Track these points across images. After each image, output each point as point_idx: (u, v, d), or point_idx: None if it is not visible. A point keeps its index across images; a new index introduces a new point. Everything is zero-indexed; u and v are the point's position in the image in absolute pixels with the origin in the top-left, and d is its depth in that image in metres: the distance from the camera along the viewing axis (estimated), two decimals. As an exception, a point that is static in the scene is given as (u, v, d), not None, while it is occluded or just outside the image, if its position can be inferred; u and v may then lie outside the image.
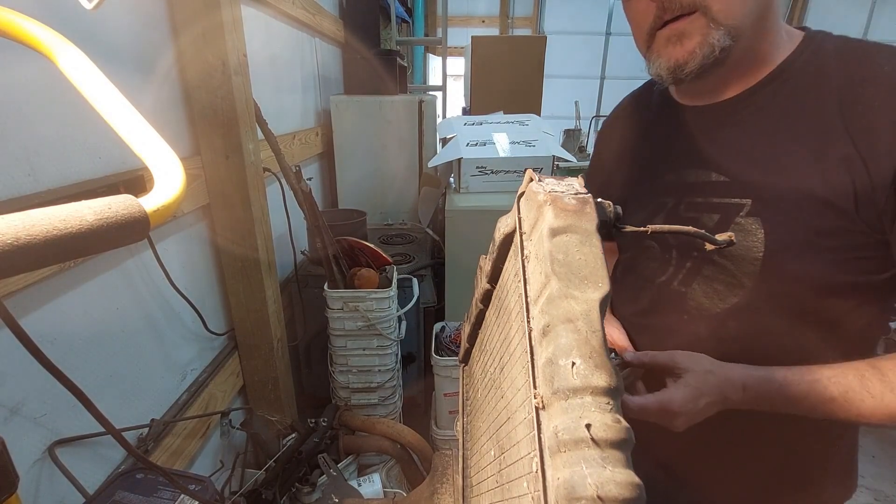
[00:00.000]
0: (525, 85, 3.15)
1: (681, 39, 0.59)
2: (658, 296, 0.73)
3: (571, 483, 0.26)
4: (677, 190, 0.70)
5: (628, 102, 0.87)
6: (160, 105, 1.09)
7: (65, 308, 0.82)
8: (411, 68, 4.72)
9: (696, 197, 0.67)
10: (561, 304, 0.33)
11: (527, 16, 6.56)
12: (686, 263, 0.69)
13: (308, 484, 1.25)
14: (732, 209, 0.63)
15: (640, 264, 0.77)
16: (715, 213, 0.64)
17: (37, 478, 0.77)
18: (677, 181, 0.70)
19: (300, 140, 2.03)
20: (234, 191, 1.23)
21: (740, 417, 0.60)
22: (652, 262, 0.74)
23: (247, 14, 1.41)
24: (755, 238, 0.60)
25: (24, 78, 0.73)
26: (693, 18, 0.57)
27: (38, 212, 0.33)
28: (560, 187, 0.40)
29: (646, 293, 0.76)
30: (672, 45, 0.60)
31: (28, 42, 0.50)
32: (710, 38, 0.57)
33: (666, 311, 0.72)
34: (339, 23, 2.55)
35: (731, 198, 0.63)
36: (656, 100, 0.78)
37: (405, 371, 1.89)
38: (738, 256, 0.62)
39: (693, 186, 0.68)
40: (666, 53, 0.61)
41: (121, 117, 0.48)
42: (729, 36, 0.57)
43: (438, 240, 2.23)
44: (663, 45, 0.61)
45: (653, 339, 0.75)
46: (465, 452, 0.66)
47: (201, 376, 1.25)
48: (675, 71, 0.61)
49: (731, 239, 0.52)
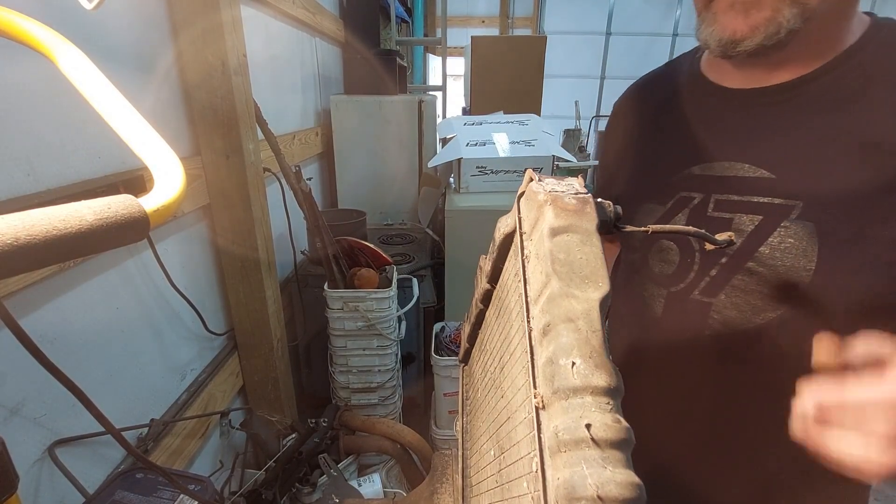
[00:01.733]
0: (525, 85, 3.15)
1: (747, 8, 0.51)
2: (673, 305, 0.65)
3: (571, 483, 0.26)
4: (705, 184, 0.60)
5: (645, 83, 0.76)
6: (160, 105, 1.09)
7: (65, 308, 0.82)
8: (411, 68, 4.72)
9: (729, 194, 0.58)
10: (561, 303, 0.33)
11: (527, 16, 6.56)
12: (711, 271, 0.60)
13: (308, 484, 1.25)
14: (779, 211, 0.54)
15: (651, 267, 0.68)
16: (756, 214, 0.56)
17: (37, 478, 0.77)
18: (705, 175, 0.61)
19: (300, 140, 2.03)
20: (234, 191, 1.23)
21: (740, 417, 0.60)
22: (666, 265, 0.65)
23: (247, 14, 1.41)
24: (806, 247, 0.52)
25: (24, 78, 0.73)
26: None
27: (37, 212, 0.33)
28: (560, 187, 0.40)
29: (656, 301, 0.67)
30: (735, 12, 0.51)
31: (28, 42, 0.50)
32: (779, 16, 0.49)
33: (682, 322, 0.64)
34: (339, 22, 2.55)
35: (776, 197, 0.54)
36: (684, 80, 0.67)
37: (405, 371, 1.89)
38: (784, 266, 0.54)
39: (725, 181, 0.59)
40: (724, 21, 0.52)
41: (121, 117, 0.48)
42: (801, 17, 0.49)
43: (438, 240, 2.23)
44: (724, 10, 0.52)
45: (661, 353, 0.68)
46: (464, 452, 0.66)
47: (201, 376, 1.25)
48: (727, 45, 0.53)
49: (731, 238, 0.49)
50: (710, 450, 0.69)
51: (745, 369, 0.59)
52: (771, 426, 0.56)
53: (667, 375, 0.69)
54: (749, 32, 0.51)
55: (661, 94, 0.70)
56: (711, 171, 0.60)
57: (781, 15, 0.49)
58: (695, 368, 0.65)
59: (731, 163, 0.58)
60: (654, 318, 0.68)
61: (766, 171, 0.55)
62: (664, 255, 0.65)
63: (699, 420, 0.66)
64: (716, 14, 0.53)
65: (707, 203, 0.60)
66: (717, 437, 0.64)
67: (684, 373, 0.67)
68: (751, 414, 0.61)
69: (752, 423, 0.60)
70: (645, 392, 0.70)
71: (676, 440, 0.69)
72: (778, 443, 0.57)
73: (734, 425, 0.61)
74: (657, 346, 0.69)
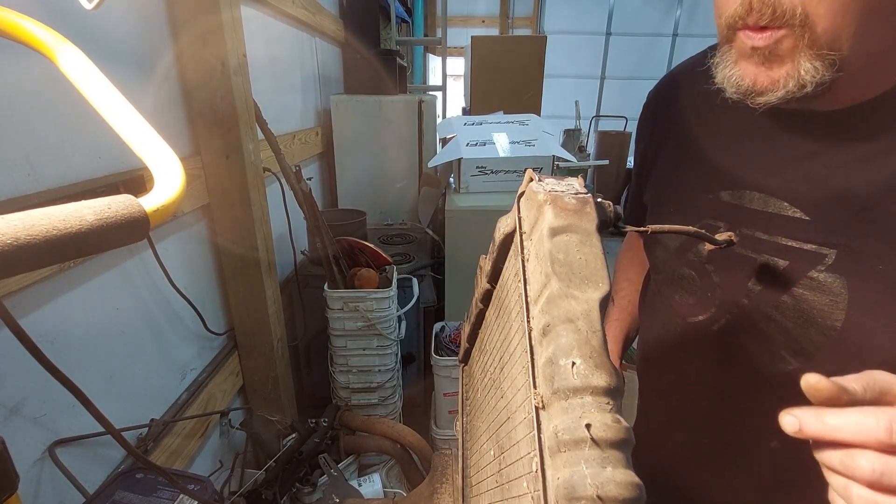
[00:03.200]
0: (525, 85, 3.15)
1: (769, 60, 0.44)
2: (688, 336, 0.61)
3: (571, 483, 0.26)
4: (733, 215, 0.55)
5: (683, 74, 0.66)
6: (160, 105, 1.09)
7: (65, 308, 0.82)
8: (411, 68, 4.72)
9: (757, 231, 0.53)
10: (561, 303, 0.33)
11: (527, 16, 6.57)
12: (732, 310, 0.56)
13: (308, 484, 1.25)
14: (808, 259, 0.49)
15: (672, 293, 0.64)
16: (782, 258, 0.51)
17: (37, 478, 0.77)
18: (734, 204, 0.55)
19: (300, 140, 2.03)
20: (234, 191, 1.23)
21: (740, 417, 0.60)
22: (687, 295, 0.61)
23: (247, 14, 1.41)
24: (835, 301, 0.47)
25: (24, 78, 0.73)
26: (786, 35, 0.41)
27: (38, 212, 0.33)
28: (560, 187, 0.40)
29: (674, 328, 0.63)
30: (755, 62, 0.45)
31: (28, 42, 0.50)
32: (801, 68, 0.42)
33: (697, 357, 0.61)
34: (339, 22, 2.55)
35: (808, 243, 0.49)
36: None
37: (405, 371, 1.90)
38: (809, 319, 0.49)
39: (755, 216, 0.53)
40: (744, 67, 0.46)
41: (121, 117, 0.48)
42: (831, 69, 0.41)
43: (438, 240, 2.23)
44: (745, 55, 0.45)
45: (673, 380, 0.65)
46: (464, 452, 0.66)
47: (201, 376, 1.25)
48: (746, 93, 0.46)
49: (731, 238, 0.48)
50: (707, 451, 0.69)
51: (753, 409, 0.56)
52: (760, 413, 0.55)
53: (677, 402, 0.68)
54: (770, 85, 0.44)
55: (699, 95, 0.60)
56: (741, 202, 0.54)
57: (803, 67, 0.42)
58: (702, 404, 0.63)
59: (764, 196, 0.52)
60: (672, 344, 0.64)
61: (800, 212, 0.49)
62: (685, 284, 0.61)
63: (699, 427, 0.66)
64: (736, 53, 0.46)
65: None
66: (713, 430, 0.64)
67: (692, 404, 0.65)
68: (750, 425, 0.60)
69: (742, 413, 0.59)
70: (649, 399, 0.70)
71: (673, 439, 0.69)
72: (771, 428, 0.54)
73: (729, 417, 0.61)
74: (670, 370, 0.67)
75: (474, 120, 2.33)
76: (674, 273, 0.63)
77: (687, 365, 0.63)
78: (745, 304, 0.54)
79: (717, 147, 0.58)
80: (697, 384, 0.63)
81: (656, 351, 0.69)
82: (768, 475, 0.60)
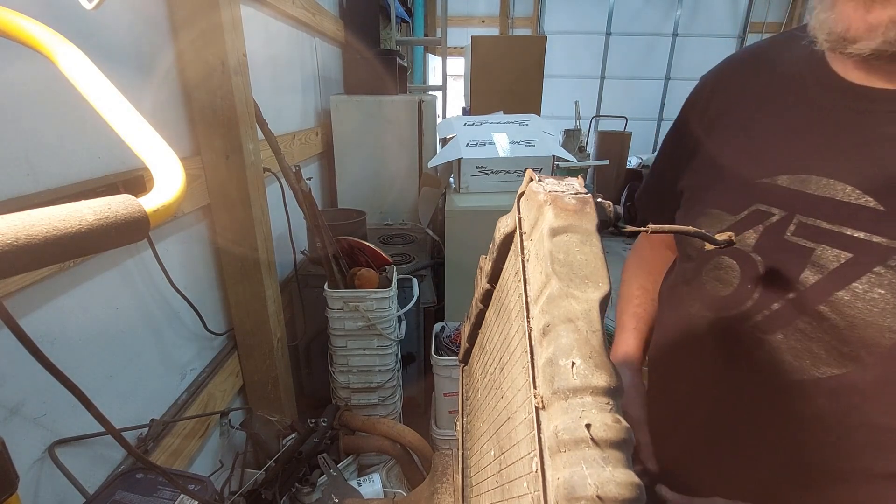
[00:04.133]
0: (525, 85, 3.15)
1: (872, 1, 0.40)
2: (718, 332, 0.56)
3: (571, 483, 0.26)
4: (790, 201, 0.50)
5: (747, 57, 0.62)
6: (160, 105, 1.09)
7: (64, 308, 0.82)
8: (411, 68, 4.72)
9: (818, 219, 0.48)
10: (561, 303, 0.33)
11: (527, 16, 6.57)
12: (772, 305, 0.51)
13: (308, 484, 1.25)
14: (876, 252, 0.44)
15: (703, 283, 0.59)
16: (845, 250, 0.46)
17: (37, 478, 0.77)
18: (794, 189, 0.50)
19: (300, 140, 2.03)
20: (234, 191, 1.23)
21: (739, 417, 0.60)
22: (721, 286, 0.56)
23: (246, 14, 1.41)
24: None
25: (24, 78, 0.73)
26: None
27: (38, 212, 0.33)
28: (560, 187, 0.40)
29: (700, 323, 0.58)
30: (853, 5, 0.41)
31: (28, 42, 0.50)
32: None
33: (724, 355, 0.56)
34: (339, 23, 2.55)
35: (878, 235, 0.44)
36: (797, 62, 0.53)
37: (405, 371, 1.90)
38: (863, 321, 0.45)
39: (818, 203, 0.48)
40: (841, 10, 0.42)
41: (121, 117, 0.48)
42: None
43: (438, 240, 2.23)
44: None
45: (691, 385, 0.60)
46: (464, 452, 0.66)
47: (201, 376, 1.25)
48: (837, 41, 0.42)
49: (730, 238, 0.47)
50: (711, 449, 0.68)
51: (783, 413, 0.52)
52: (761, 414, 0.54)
53: (678, 402, 0.66)
54: (866, 32, 0.41)
55: (764, 76, 0.57)
56: (802, 186, 0.49)
57: None
58: (705, 404, 0.60)
59: (830, 180, 0.47)
60: (692, 340, 0.60)
61: (872, 200, 0.44)
62: (721, 274, 0.56)
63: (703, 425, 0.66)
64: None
65: (787, 223, 0.50)
66: (715, 430, 0.64)
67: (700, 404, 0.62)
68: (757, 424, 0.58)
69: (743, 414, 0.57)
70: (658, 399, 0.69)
71: (674, 438, 0.69)
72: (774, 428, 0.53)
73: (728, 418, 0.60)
74: (693, 369, 0.63)
75: (474, 120, 2.33)
76: (709, 262, 0.57)
77: (696, 363, 0.60)
78: (790, 298, 0.50)
79: (778, 129, 0.52)
80: (707, 385, 0.60)
81: (668, 350, 0.66)
82: (772, 479, 0.59)
